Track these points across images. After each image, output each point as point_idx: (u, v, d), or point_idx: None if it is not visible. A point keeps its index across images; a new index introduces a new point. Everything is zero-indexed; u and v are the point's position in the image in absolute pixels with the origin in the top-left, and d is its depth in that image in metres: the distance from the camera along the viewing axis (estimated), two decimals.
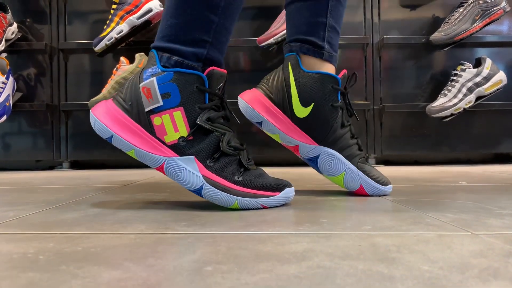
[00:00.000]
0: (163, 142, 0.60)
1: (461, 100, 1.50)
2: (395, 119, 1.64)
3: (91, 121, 0.61)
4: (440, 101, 1.51)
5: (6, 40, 1.55)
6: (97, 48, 1.50)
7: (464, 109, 1.51)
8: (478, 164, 1.62)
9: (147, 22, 1.53)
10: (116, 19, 1.51)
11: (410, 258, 0.34)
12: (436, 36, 1.52)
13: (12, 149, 1.67)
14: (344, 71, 0.74)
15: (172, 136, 0.59)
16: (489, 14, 1.52)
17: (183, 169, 0.59)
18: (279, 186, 0.62)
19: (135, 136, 0.60)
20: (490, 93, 1.52)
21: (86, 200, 0.71)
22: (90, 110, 0.62)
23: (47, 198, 0.75)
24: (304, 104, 0.72)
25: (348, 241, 0.40)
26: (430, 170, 1.36)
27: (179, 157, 0.59)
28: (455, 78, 1.53)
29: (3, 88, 1.49)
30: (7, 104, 1.49)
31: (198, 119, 0.59)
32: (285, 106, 0.72)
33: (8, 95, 1.51)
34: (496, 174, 1.16)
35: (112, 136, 0.60)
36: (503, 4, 1.52)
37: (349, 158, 0.73)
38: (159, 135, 0.60)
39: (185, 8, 0.60)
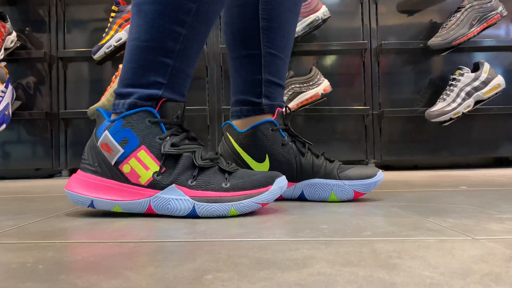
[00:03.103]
0: (141, 185, 0.60)
1: (459, 104, 1.50)
2: (394, 124, 1.65)
3: (68, 197, 0.62)
4: (439, 105, 1.52)
5: (5, 49, 1.56)
6: (96, 56, 1.51)
7: (463, 113, 1.51)
8: (478, 168, 1.62)
9: None
10: (115, 27, 1.51)
11: (411, 264, 0.34)
12: (434, 41, 1.52)
13: (11, 157, 1.67)
14: (278, 109, 0.76)
15: (146, 176, 0.60)
16: (486, 19, 1.53)
17: (170, 200, 0.59)
18: (269, 179, 0.61)
19: (113, 191, 0.60)
20: (489, 98, 1.53)
21: (86, 209, 0.71)
22: (64, 188, 0.62)
23: (46, 206, 0.75)
24: (259, 160, 0.74)
25: (348, 248, 0.40)
26: (429, 174, 1.36)
27: (161, 191, 0.59)
28: (453, 82, 1.53)
29: (2, 97, 1.49)
30: (6, 112, 1.49)
31: (162, 150, 0.60)
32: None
33: (7, 104, 1.51)
34: (495, 178, 1.16)
35: (92, 201, 0.60)
36: (500, 8, 1.53)
37: (328, 176, 0.73)
38: (134, 180, 0.60)
39: (140, 53, 0.61)
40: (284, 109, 0.76)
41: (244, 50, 0.78)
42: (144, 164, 0.59)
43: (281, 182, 0.62)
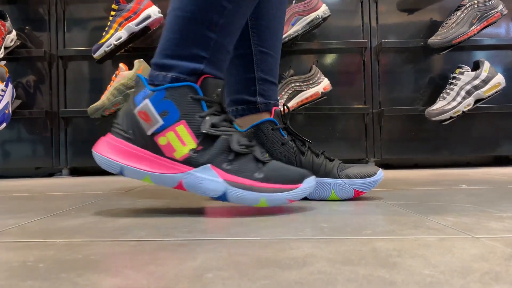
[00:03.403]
0: (175, 160, 0.59)
1: (460, 103, 1.50)
2: (394, 123, 1.65)
3: (96, 160, 0.60)
4: (439, 104, 1.52)
5: (5, 48, 1.56)
6: (96, 55, 1.51)
7: (463, 112, 1.51)
8: (478, 167, 1.62)
9: (146, 29, 1.53)
10: (115, 25, 1.51)
11: (411, 263, 0.34)
12: (434, 39, 1.52)
13: (12, 156, 1.66)
14: (274, 108, 0.76)
15: (182, 151, 0.59)
16: (486, 17, 1.53)
17: (203, 179, 0.58)
18: (300, 176, 0.61)
19: (145, 161, 0.59)
20: (489, 96, 1.53)
21: (86, 207, 0.71)
22: (92, 149, 0.60)
23: (46, 205, 0.75)
24: None
25: (349, 246, 0.40)
26: (429, 173, 1.36)
27: (195, 169, 0.58)
28: (453, 81, 1.53)
29: (2, 96, 1.49)
30: (7, 111, 1.49)
31: (202, 128, 0.59)
32: None
33: (8, 103, 1.51)
34: (495, 177, 1.16)
35: (122, 168, 0.59)
36: (500, 7, 1.53)
37: (328, 175, 0.73)
38: (168, 154, 0.59)
39: (183, 24, 0.60)
40: (282, 108, 0.76)
41: (235, 50, 0.78)
42: (181, 139, 0.58)
43: (310, 182, 0.62)
